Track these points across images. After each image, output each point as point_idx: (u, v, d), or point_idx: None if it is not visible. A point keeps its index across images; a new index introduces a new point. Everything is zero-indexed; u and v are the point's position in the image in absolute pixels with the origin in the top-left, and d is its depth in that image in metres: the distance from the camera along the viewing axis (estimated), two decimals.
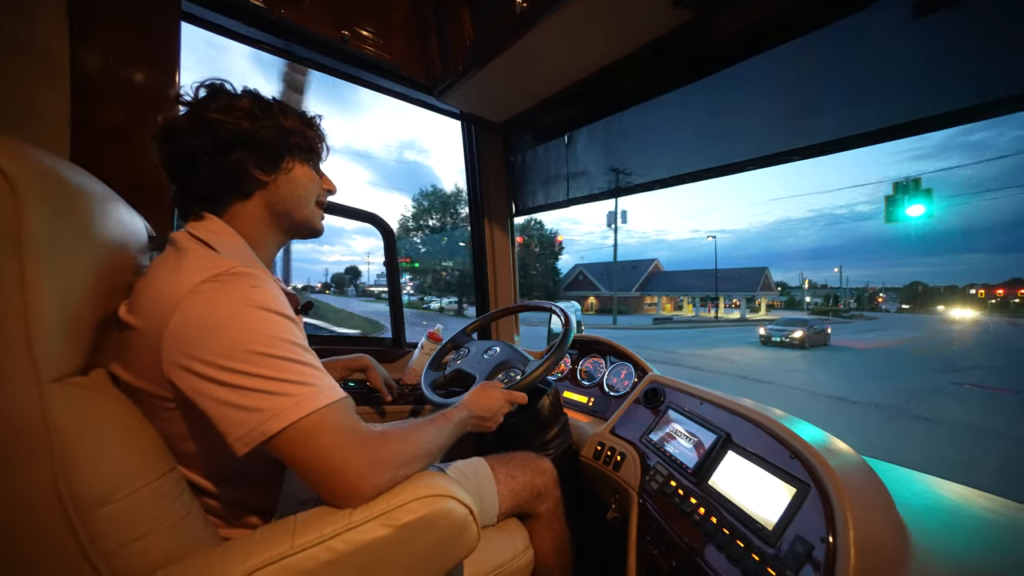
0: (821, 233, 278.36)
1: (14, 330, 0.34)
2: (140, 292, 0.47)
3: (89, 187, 0.46)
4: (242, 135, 0.53)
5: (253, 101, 0.55)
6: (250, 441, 0.41)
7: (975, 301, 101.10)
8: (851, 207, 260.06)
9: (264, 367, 0.42)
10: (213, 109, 0.52)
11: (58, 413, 0.36)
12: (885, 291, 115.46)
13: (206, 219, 0.54)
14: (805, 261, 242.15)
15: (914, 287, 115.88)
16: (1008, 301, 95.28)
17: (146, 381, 0.45)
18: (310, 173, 0.61)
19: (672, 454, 0.81)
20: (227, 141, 0.52)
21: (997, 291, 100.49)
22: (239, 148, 0.53)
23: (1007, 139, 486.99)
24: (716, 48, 1.01)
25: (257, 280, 0.46)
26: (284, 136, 0.57)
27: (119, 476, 0.40)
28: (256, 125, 0.54)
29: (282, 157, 0.57)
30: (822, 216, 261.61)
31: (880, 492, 0.54)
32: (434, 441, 0.55)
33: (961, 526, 0.58)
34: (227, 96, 0.54)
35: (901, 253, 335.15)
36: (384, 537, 0.44)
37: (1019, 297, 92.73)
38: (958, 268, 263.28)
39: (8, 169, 0.34)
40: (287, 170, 0.58)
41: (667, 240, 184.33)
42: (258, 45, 1.17)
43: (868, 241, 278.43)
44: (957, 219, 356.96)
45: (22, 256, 0.34)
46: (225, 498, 0.53)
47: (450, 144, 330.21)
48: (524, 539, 0.77)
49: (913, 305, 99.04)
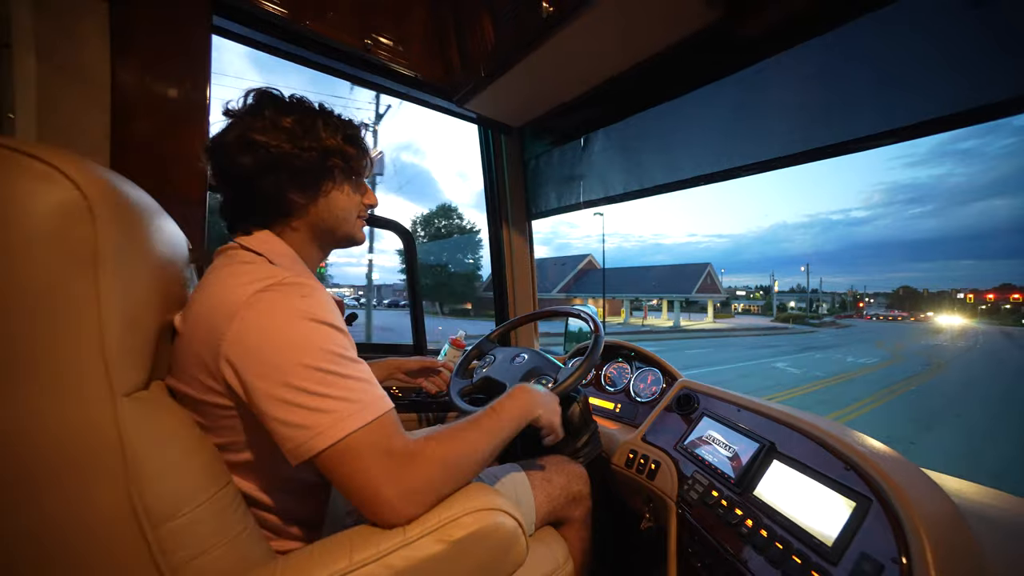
0: (817, 238, 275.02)
1: (91, 347, 0.35)
2: (195, 303, 0.47)
3: (144, 201, 0.47)
4: (282, 159, 0.52)
5: (296, 118, 0.54)
6: (299, 456, 0.42)
7: (964, 306, 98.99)
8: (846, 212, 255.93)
9: (311, 381, 0.42)
10: (257, 128, 0.52)
11: (130, 427, 0.36)
12: (871, 296, 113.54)
13: (254, 233, 0.55)
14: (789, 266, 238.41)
15: (902, 292, 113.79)
16: (999, 306, 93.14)
17: (203, 391, 0.46)
18: (349, 193, 0.60)
19: (711, 463, 0.79)
20: (268, 164, 0.52)
21: (987, 296, 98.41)
22: (278, 173, 0.53)
23: (996, 147, 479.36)
24: (746, 44, 0.99)
25: (308, 290, 0.46)
26: (324, 159, 0.55)
27: (184, 490, 0.40)
28: (297, 147, 0.53)
29: (322, 180, 0.56)
30: (817, 221, 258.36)
31: (948, 507, 0.52)
32: (480, 447, 0.52)
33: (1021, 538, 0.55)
34: (272, 111, 0.54)
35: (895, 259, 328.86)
36: (439, 553, 0.44)
37: (1010, 302, 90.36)
38: (950, 274, 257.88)
39: (85, 188, 0.34)
40: (326, 193, 0.57)
41: (664, 244, 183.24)
42: (283, 55, 1.18)
43: (863, 247, 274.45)
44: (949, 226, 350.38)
45: (97, 274, 0.35)
46: (276, 509, 0.53)
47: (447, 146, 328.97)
48: (564, 550, 0.76)
49: (902, 310, 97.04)
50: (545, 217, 1.74)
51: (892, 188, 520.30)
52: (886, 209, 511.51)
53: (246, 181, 0.53)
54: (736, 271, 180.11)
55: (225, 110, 0.55)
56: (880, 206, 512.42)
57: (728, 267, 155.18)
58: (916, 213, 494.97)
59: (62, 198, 0.33)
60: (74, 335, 0.34)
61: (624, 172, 1.42)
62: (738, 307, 45.54)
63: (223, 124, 0.54)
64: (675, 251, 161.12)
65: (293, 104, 0.56)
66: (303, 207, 0.56)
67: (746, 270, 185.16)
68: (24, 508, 0.34)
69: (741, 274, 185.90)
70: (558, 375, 0.95)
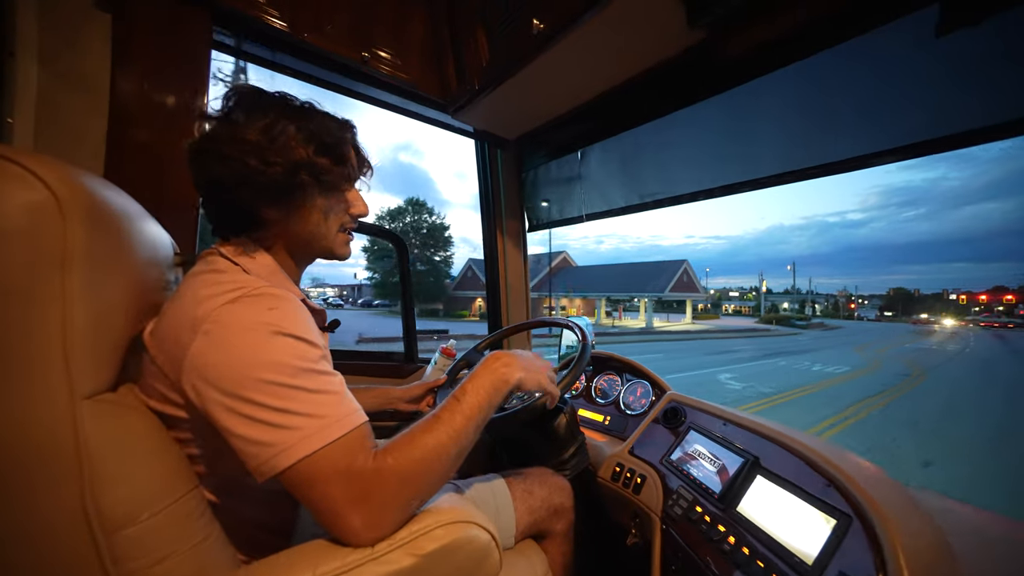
0: (813, 240, 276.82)
1: (53, 346, 0.35)
2: (165, 315, 0.47)
3: (124, 206, 0.47)
4: (248, 174, 0.49)
5: (264, 127, 0.50)
6: (264, 473, 0.41)
7: (957, 308, 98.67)
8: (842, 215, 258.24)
9: (273, 396, 0.40)
10: (225, 138, 0.49)
11: (89, 430, 0.36)
12: (865, 298, 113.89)
13: (235, 239, 0.54)
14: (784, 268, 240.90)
15: (892, 293, 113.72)
16: (992, 308, 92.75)
17: (166, 403, 0.45)
18: (327, 205, 0.56)
19: (696, 477, 0.78)
20: (237, 180, 0.49)
21: (979, 297, 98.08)
22: (247, 188, 0.50)
23: (990, 152, 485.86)
24: (729, 66, 1.02)
25: (277, 300, 0.45)
26: (292, 175, 0.51)
27: (144, 496, 0.39)
28: (262, 163, 0.49)
29: (292, 196, 0.53)
30: (814, 224, 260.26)
31: (930, 526, 0.50)
32: (448, 451, 0.47)
33: (1012, 558, 0.54)
34: (243, 118, 0.50)
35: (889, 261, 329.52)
36: (408, 566, 0.43)
37: (1003, 303, 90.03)
38: (944, 276, 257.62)
39: (57, 190, 0.35)
40: (299, 206, 0.54)
41: (662, 246, 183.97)
42: (281, 69, 1.21)
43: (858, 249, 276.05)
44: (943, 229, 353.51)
45: (66, 275, 0.35)
46: (243, 518, 0.52)
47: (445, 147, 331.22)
48: (543, 563, 0.74)
49: (895, 312, 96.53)
50: (542, 230, 1.75)
51: (887, 191, 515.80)
52: (881, 212, 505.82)
53: (220, 191, 0.51)
54: (733, 272, 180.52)
55: (201, 113, 0.53)
56: (876, 208, 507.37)
57: (725, 268, 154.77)
58: (911, 216, 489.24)
59: (32, 198, 0.34)
60: (35, 333, 0.34)
61: (621, 186, 1.44)
62: (729, 308, 45.48)
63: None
64: (673, 252, 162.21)
65: (268, 106, 0.52)
66: (276, 222, 0.53)
67: (743, 271, 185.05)
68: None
69: (737, 275, 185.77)
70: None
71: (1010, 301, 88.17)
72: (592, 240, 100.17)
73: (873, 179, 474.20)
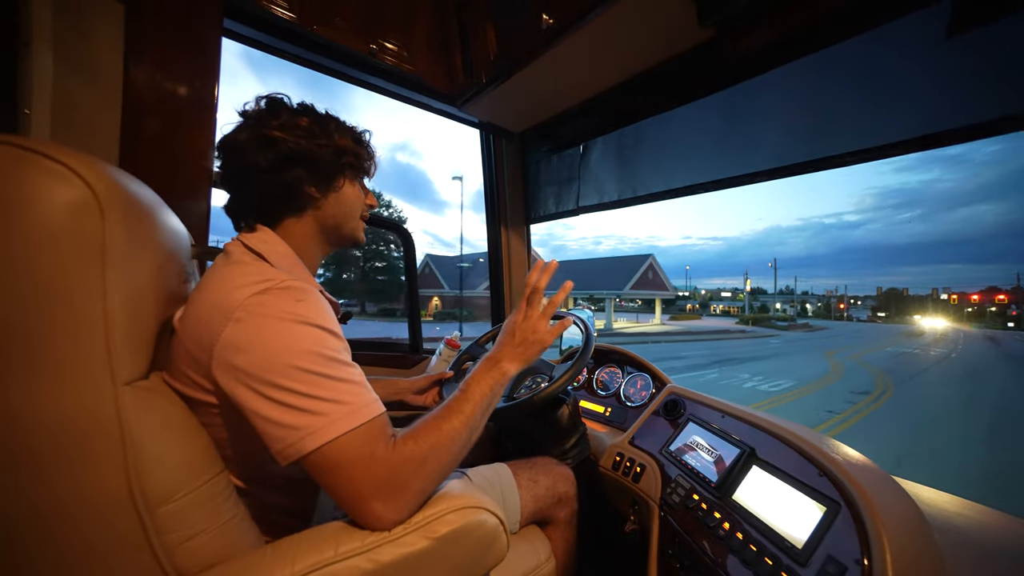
0: (810, 242, 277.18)
1: (96, 336, 0.37)
2: (194, 302, 0.49)
3: (149, 198, 0.49)
4: (300, 153, 0.55)
5: (312, 119, 0.58)
6: (288, 456, 0.43)
7: (949, 308, 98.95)
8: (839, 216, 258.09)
9: (303, 383, 0.43)
10: (274, 126, 0.55)
11: (130, 415, 0.38)
12: (856, 298, 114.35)
13: (258, 230, 0.56)
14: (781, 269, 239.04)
15: (880, 293, 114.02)
16: (984, 309, 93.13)
17: (195, 389, 0.47)
18: (357, 190, 0.64)
19: (693, 467, 0.81)
20: (286, 158, 0.55)
21: (971, 297, 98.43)
22: (297, 166, 0.56)
23: (982, 154, 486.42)
24: (735, 63, 1.02)
25: (303, 293, 0.47)
26: (338, 156, 0.59)
27: (180, 476, 0.42)
28: (314, 144, 0.56)
29: (335, 176, 0.60)
30: (810, 225, 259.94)
31: (914, 512, 0.53)
32: (461, 437, 0.51)
33: (988, 548, 0.57)
34: (287, 113, 0.57)
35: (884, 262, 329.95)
36: (423, 548, 0.45)
37: (996, 304, 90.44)
38: (939, 278, 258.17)
39: (96, 187, 0.36)
40: (337, 188, 0.60)
41: (659, 246, 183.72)
42: (290, 58, 1.21)
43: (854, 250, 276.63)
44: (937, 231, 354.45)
45: (104, 268, 0.37)
46: (265, 502, 0.55)
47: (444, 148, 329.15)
48: (546, 548, 0.78)
49: (888, 313, 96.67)
50: (543, 222, 1.76)
51: (883, 192, 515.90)
52: (877, 213, 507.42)
53: (260, 177, 0.55)
54: (730, 273, 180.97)
55: (241, 112, 0.57)
56: (871, 210, 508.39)
57: (722, 269, 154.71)
58: (905, 218, 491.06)
59: (74, 196, 0.36)
60: (80, 326, 0.36)
61: (620, 180, 1.45)
62: (717, 308, 45.81)
63: (233, 124, 0.57)
64: (670, 253, 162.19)
65: (306, 108, 0.60)
66: (316, 201, 0.59)
67: (740, 272, 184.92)
68: (28, 488, 0.36)
69: (735, 276, 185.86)
70: (553, 372, 0.97)
71: (1002, 301, 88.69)
72: (591, 240, 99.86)
73: (869, 180, 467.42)
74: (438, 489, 0.51)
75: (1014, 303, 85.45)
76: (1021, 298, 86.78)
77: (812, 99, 0.96)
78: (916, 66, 0.79)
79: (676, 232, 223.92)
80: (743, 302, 63.46)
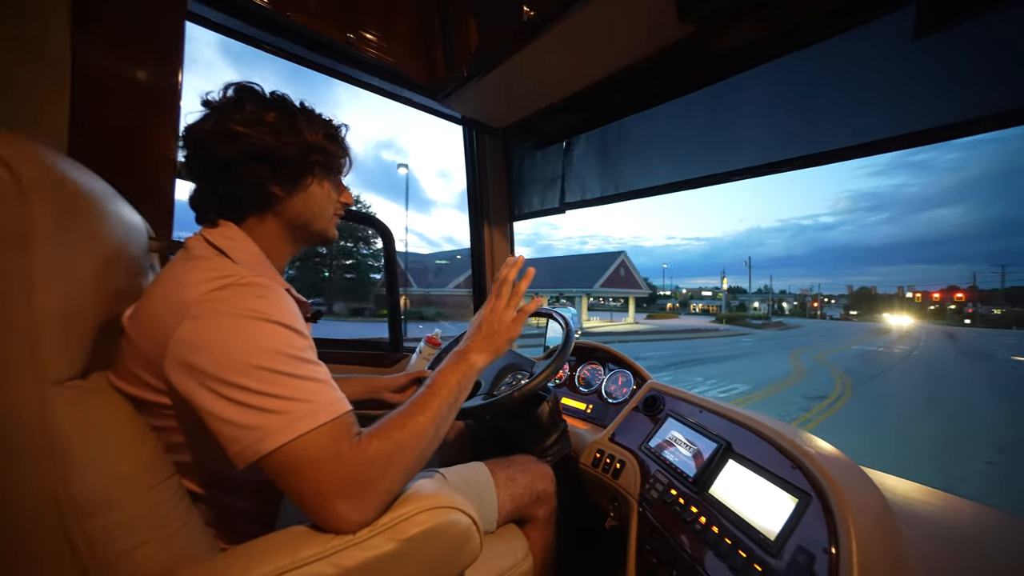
0: (789, 242, 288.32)
1: (19, 331, 0.34)
2: (147, 298, 0.46)
3: (93, 186, 0.45)
4: (264, 151, 0.52)
5: (279, 114, 0.54)
6: (246, 458, 0.40)
7: (913, 306, 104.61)
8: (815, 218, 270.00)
9: (262, 381, 0.41)
10: (238, 119, 0.51)
11: (59, 416, 0.35)
12: (833, 298, 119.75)
13: (222, 226, 0.54)
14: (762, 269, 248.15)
15: (858, 292, 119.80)
16: (945, 306, 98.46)
17: (146, 389, 0.44)
18: (328, 189, 0.61)
19: (672, 462, 0.82)
20: (248, 155, 0.51)
21: (933, 295, 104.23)
22: (259, 164, 0.52)
23: (943, 161, 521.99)
24: (716, 60, 1.03)
25: (265, 290, 0.45)
26: (306, 154, 0.56)
27: (118, 482, 0.39)
28: (279, 141, 0.53)
29: (303, 175, 0.57)
30: (789, 226, 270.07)
31: (880, 502, 0.54)
32: (428, 433, 0.49)
33: (951, 535, 0.59)
34: (254, 105, 0.53)
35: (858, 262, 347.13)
36: (390, 551, 0.44)
37: (955, 301, 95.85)
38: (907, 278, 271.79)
39: (18, 168, 0.33)
40: (305, 187, 0.57)
41: (644, 247, 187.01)
42: (262, 46, 1.16)
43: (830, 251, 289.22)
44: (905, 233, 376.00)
45: (30, 256, 0.34)
46: (224, 507, 0.52)
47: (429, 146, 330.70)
48: (524, 546, 0.77)
49: (860, 311, 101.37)
50: (527, 219, 1.75)
51: (856, 196, 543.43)
52: (850, 215, 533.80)
53: (224, 172, 0.52)
54: (712, 273, 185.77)
55: (204, 100, 0.54)
56: (845, 212, 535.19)
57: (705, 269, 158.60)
58: (876, 220, 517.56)
59: None
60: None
61: (603, 177, 1.45)
62: (697, 307, 47.60)
63: (199, 114, 0.53)
64: (654, 253, 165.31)
65: (275, 100, 0.56)
66: (281, 200, 0.56)
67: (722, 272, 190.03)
68: None
69: (716, 276, 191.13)
70: (533, 369, 0.96)
71: (960, 299, 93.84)
72: (576, 240, 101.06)
73: (843, 184, 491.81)
74: (407, 488, 0.49)
75: (970, 301, 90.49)
76: (976, 296, 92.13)
77: (792, 97, 0.98)
78: (893, 66, 0.80)
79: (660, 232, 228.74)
80: (721, 301, 64.96)
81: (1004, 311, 78.87)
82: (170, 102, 0.89)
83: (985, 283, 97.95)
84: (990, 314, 79.82)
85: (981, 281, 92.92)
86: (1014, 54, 0.66)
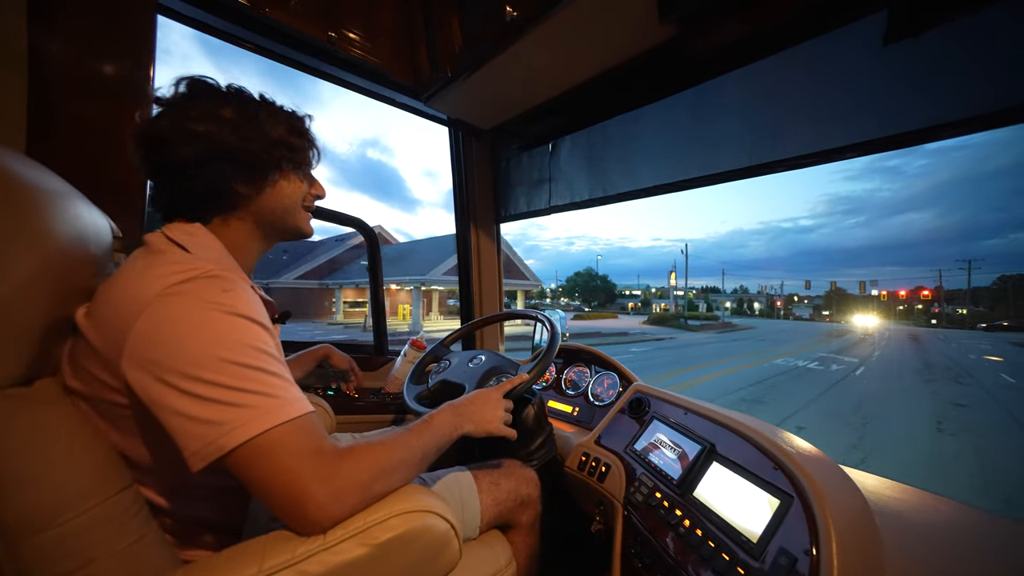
0: (770, 244, 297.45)
1: None
2: (103, 295, 0.44)
3: (42, 183, 0.43)
4: (223, 150, 0.50)
5: (237, 108, 0.51)
6: (206, 456, 0.38)
7: (881, 305, 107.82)
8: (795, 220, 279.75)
9: (228, 375, 0.39)
10: (193, 116, 0.49)
11: None
12: (806, 298, 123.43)
13: (186, 225, 0.51)
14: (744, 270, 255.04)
15: (829, 293, 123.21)
16: (912, 306, 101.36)
17: (102, 389, 0.42)
18: (296, 183, 0.59)
19: (657, 465, 0.81)
20: (207, 155, 0.49)
21: (899, 294, 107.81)
22: (221, 163, 0.50)
23: (914, 167, 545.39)
24: (697, 63, 1.04)
25: (231, 283, 0.44)
26: (270, 149, 0.53)
27: (62, 497, 0.36)
28: (238, 138, 0.50)
29: (267, 172, 0.54)
30: (770, 228, 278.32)
31: (860, 503, 0.54)
32: (413, 452, 0.51)
33: (929, 534, 0.59)
34: (208, 100, 0.51)
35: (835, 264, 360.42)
36: (361, 557, 0.42)
37: (921, 300, 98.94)
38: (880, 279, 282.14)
39: None
40: (272, 183, 0.55)
41: (630, 247, 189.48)
42: (240, 43, 1.14)
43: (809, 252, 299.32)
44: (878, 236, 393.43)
45: None
46: (186, 516, 0.49)
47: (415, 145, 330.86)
48: (507, 553, 0.75)
49: (831, 311, 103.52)
50: (513, 221, 1.75)
51: (834, 199, 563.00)
52: (828, 218, 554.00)
53: (184, 172, 0.49)
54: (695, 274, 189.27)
55: (155, 97, 0.51)
56: (824, 215, 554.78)
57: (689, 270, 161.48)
58: (852, 223, 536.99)
59: None
60: None
61: (589, 179, 1.45)
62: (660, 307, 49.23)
63: (153, 111, 0.51)
64: (641, 254, 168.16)
65: (231, 94, 0.53)
66: (248, 198, 0.54)
67: (706, 274, 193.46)
68: None
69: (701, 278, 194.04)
70: (518, 371, 0.95)
71: (926, 297, 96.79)
72: (563, 241, 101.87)
73: (822, 187, 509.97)
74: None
75: (936, 301, 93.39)
76: (942, 296, 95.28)
77: (774, 100, 0.99)
78: (870, 70, 0.82)
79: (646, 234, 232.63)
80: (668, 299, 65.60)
81: (968, 311, 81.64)
82: (141, 97, 0.86)
83: (950, 283, 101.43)
84: (955, 314, 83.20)
85: (947, 281, 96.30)
86: (985, 60, 0.68)
